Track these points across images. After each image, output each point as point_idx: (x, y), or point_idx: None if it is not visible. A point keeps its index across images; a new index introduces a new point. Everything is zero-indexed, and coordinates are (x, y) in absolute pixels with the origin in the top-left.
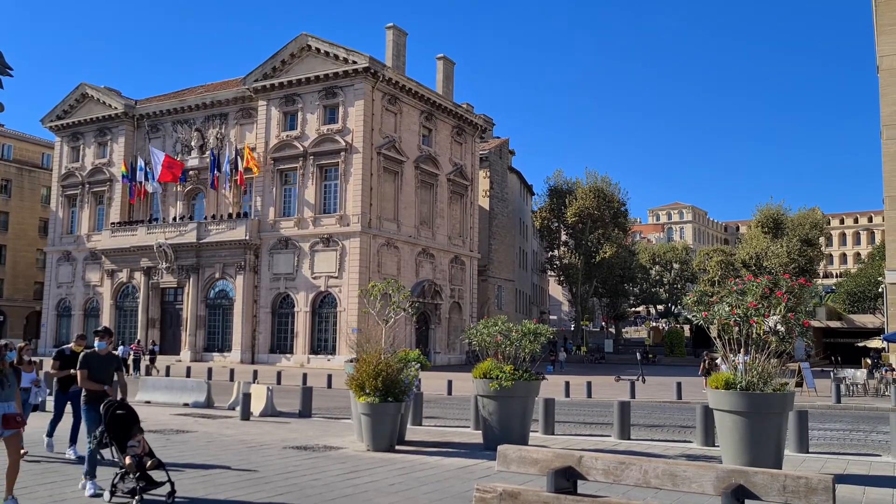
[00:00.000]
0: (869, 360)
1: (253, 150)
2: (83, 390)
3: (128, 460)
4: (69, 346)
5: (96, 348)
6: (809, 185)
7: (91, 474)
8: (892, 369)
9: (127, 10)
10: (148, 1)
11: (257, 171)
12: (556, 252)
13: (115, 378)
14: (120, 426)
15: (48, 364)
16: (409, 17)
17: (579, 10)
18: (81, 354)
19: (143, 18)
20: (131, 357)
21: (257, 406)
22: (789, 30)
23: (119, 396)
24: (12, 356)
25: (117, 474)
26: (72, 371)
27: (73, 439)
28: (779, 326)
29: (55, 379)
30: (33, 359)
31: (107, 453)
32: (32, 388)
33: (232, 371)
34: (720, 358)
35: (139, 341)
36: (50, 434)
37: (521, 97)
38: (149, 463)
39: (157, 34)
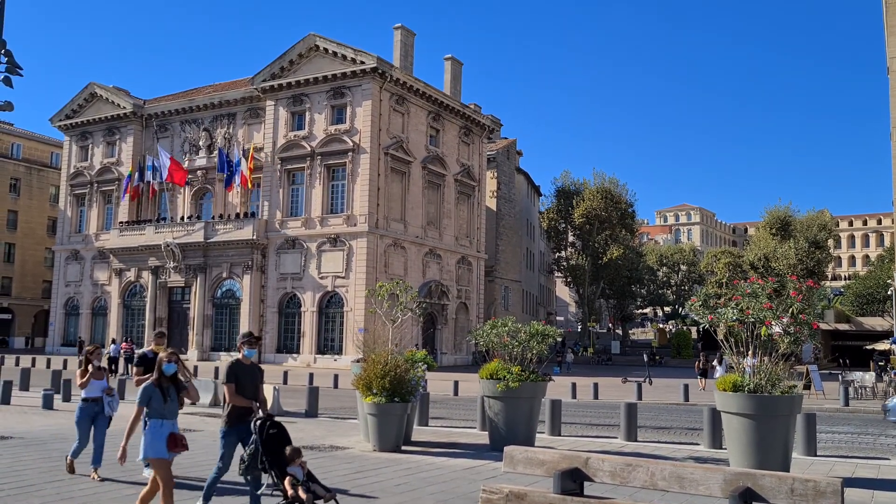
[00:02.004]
0: (873, 363)
1: (260, 150)
2: (227, 407)
3: (301, 493)
4: (149, 348)
5: (243, 356)
6: (818, 187)
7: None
8: None
9: (136, 10)
10: (156, 1)
11: (250, 183)
12: (563, 253)
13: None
14: (274, 447)
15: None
16: (417, 18)
17: (588, 12)
18: (229, 364)
19: (152, 18)
20: (122, 356)
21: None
22: (799, 32)
23: (261, 413)
24: (172, 368)
25: None
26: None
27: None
28: (790, 328)
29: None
30: (102, 364)
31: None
32: (104, 397)
33: None
34: (716, 360)
35: (129, 339)
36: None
37: (529, 98)
38: (326, 495)
39: (166, 34)
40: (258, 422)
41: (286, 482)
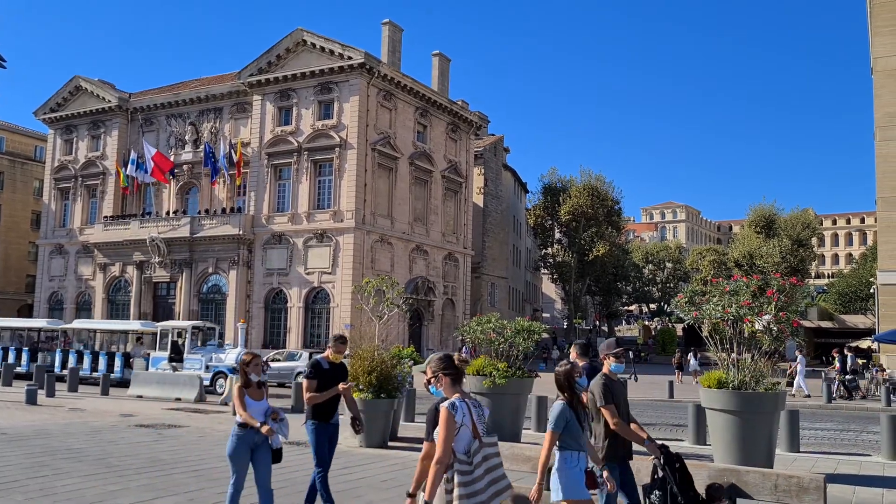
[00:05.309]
0: (838, 358)
1: (247, 145)
2: (612, 436)
3: None
4: (323, 355)
5: (610, 371)
6: (802, 186)
7: None
8: (883, 369)
9: (121, 2)
10: None
11: (239, 178)
12: (549, 250)
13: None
14: (686, 486)
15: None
16: (405, 14)
17: (575, 9)
18: (601, 382)
19: (138, 12)
20: None
21: None
22: (784, 30)
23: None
24: (585, 383)
25: None
26: (341, 387)
27: (328, 497)
28: (771, 325)
29: (310, 405)
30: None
31: None
32: (269, 423)
33: None
34: (690, 354)
35: None
36: (315, 499)
37: (517, 95)
38: None
39: (152, 27)
40: (664, 455)
41: None
